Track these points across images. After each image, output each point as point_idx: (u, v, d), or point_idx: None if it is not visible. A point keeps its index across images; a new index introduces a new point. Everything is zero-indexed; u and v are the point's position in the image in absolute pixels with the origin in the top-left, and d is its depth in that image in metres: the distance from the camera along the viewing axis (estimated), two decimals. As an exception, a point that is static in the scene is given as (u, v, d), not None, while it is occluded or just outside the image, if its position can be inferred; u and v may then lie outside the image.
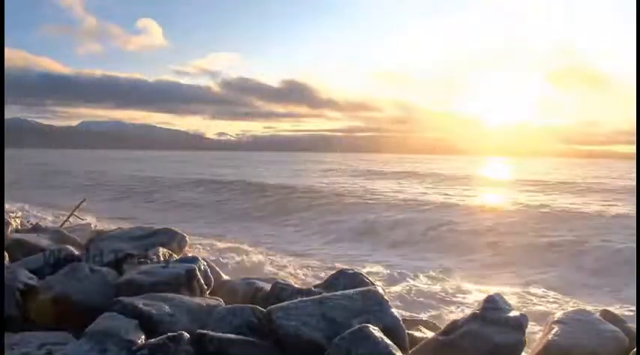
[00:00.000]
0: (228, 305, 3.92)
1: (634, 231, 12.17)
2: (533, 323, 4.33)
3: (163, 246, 5.32)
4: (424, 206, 18.64)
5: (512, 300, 6.84)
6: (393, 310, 3.72)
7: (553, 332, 3.50)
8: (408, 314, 5.66)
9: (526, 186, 28.30)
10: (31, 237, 5.92)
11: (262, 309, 3.71)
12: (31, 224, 7.98)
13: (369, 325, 3.23)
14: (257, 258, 9.72)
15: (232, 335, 3.38)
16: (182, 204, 21.62)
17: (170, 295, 4.04)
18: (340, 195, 22.27)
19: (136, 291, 4.12)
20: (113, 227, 8.21)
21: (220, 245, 10.97)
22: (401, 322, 3.68)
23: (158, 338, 3.28)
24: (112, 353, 3.23)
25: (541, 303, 7.39)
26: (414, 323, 4.77)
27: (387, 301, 3.79)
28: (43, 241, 5.83)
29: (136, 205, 21.98)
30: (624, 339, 3.46)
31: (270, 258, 10.09)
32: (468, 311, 4.01)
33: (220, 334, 3.35)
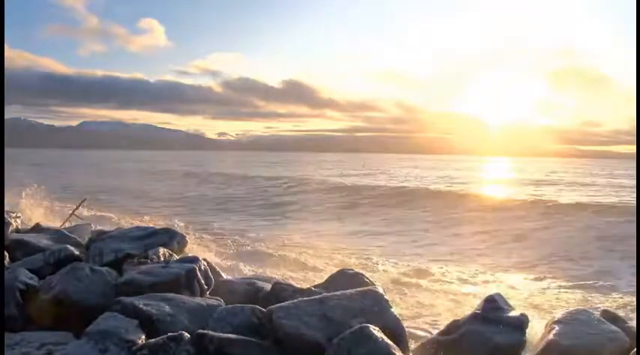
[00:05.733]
0: (229, 305, 3.91)
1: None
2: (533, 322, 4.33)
3: (163, 246, 5.31)
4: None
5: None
6: (393, 310, 3.72)
7: (554, 331, 3.49)
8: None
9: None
10: (31, 237, 5.91)
11: (262, 309, 3.71)
12: (31, 224, 7.95)
13: (369, 325, 3.23)
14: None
15: (232, 335, 3.38)
16: None
17: (170, 295, 4.04)
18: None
19: (136, 291, 4.11)
20: (113, 227, 8.18)
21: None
22: (401, 322, 3.68)
23: (158, 338, 3.29)
24: (112, 352, 3.23)
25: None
26: (414, 323, 4.77)
27: (387, 301, 3.78)
28: (43, 241, 5.82)
29: None
30: (624, 339, 3.46)
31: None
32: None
33: (220, 334, 3.35)
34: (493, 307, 3.64)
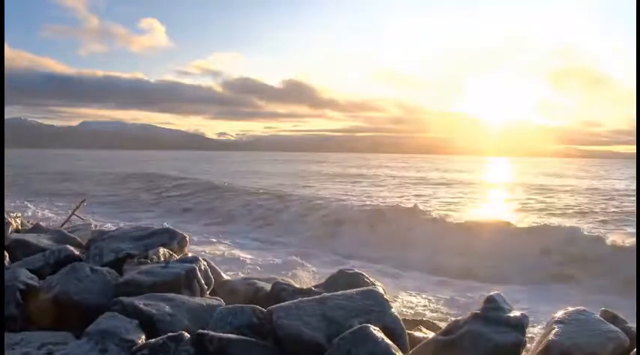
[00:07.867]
0: (229, 305, 3.91)
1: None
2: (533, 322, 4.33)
3: (164, 246, 5.32)
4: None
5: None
6: (394, 310, 3.72)
7: (553, 332, 3.49)
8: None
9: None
10: (31, 237, 5.92)
11: (263, 309, 3.71)
12: (31, 224, 7.97)
13: (369, 325, 3.23)
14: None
15: (232, 335, 3.38)
16: None
17: (170, 295, 4.04)
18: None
19: (136, 291, 4.12)
20: (113, 227, 8.20)
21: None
22: (401, 322, 3.68)
23: (158, 338, 3.29)
24: (112, 353, 3.23)
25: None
26: (414, 323, 4.78)
27: (388, 301, 3.78)
28: (44, 241, 5.83)
29: None
30: (624, 339, 3.45)
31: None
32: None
33: (220, 334, 3.35)
34: (493, 307, 3.64)
